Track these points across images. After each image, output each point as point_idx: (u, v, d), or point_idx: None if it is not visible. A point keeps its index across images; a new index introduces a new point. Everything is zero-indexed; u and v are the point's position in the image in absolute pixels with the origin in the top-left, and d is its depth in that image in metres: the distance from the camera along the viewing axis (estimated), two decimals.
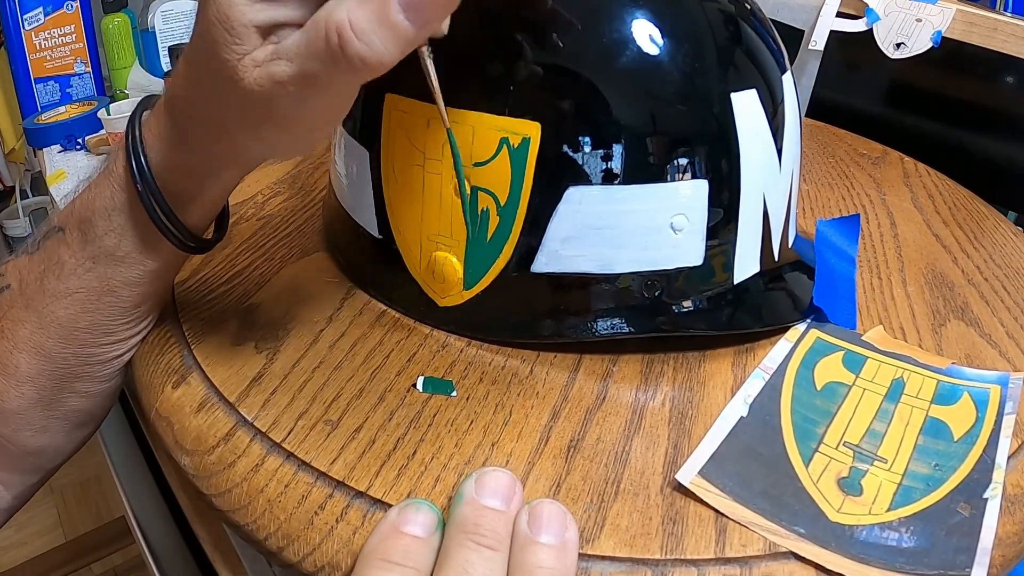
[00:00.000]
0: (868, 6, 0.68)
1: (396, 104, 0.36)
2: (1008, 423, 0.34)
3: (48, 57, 0.99)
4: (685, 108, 0.35)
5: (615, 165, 0.34)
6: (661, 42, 0.34)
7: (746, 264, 0.38)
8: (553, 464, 0.31)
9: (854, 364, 0.37)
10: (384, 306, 0.40)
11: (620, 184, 0.34)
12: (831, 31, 0.70)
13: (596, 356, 0.37)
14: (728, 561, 0.27)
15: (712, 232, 0.36)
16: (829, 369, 0.37)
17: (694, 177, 0.35)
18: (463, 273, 0.37)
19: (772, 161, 0.38)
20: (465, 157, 0.35)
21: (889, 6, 0.67)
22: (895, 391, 0.36)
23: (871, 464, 0.32)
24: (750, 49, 0.37)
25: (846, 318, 0.40)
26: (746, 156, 0.36)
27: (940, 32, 0.64)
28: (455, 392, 0.35)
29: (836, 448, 0.32)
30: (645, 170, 0.35)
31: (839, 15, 0.70)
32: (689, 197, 0.35)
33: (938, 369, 0.37)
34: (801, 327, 0.40)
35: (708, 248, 0.36)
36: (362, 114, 0.39)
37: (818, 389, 0.36)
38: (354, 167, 0.40)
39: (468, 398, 0.34)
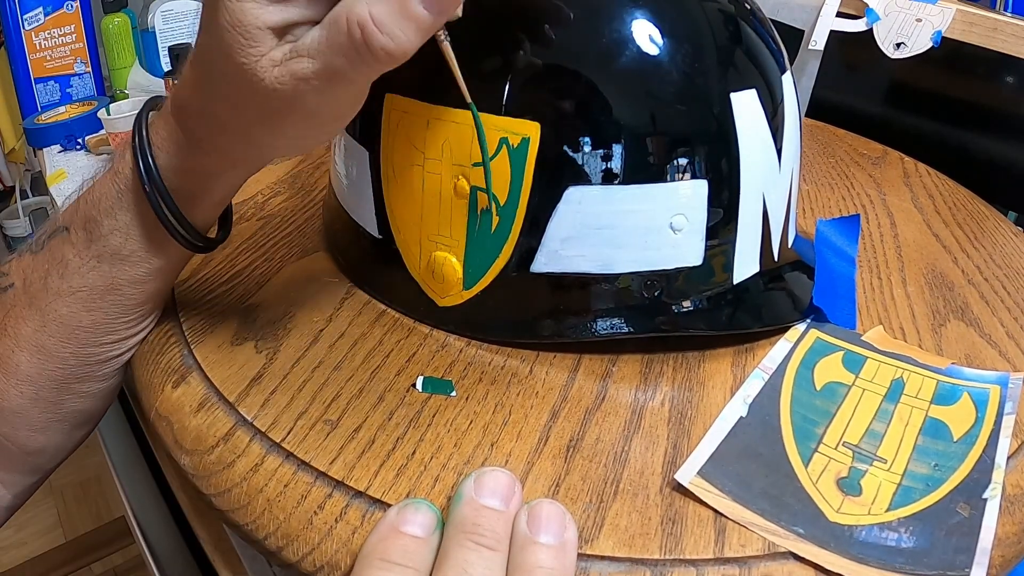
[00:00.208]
0: (868, 6, 0.68)
1: (396, 104, 0.36)
2: (1008, 423, 0.34)
3: (48, 57, 0.99)
4: (685, 108, 0.35)
5: (615, 165, 0.34)
6: (661, 42, 0.34)
7: (746, 264, 0.38)
8: (552, 464, 0.31)
9: (854, 364, 0.37)
10: (384, 306, 0.40)
11: (620, 184, 0.34)
12: (831, 31, 0.70)
13: (595, 356, 0.37)
14: (727, 561, 0.27)
15: (712, 232, 0.36)
16: (829, 369, 0.37)
17: (694, 177, 0.35)
18: (463, 273, 0.37)
19: (772, 161, 0.38)
20: (464, 157, 0.35)
21: (889, 6, 0.67)
22: (895, 391, 0.36)
23: (870, 464, 0.32)
24: (750, 49, 0.37)
25: (846, 318, 0.40)
26: (746, 156, 0.36)
27: (940, 32, 0.64)
28: (454, 392, 0.35)
29: (835, 448, 0.32)
30: (645, 170, 0.35)
31: (839, 15, 0.70)
32: (689, 197, 0.35)
33: (938, 369, 0.37)
34: (801, 327, 0.40)
35: (708, 248, 0.36)
36: (362, 114, 0.39)
37: (818, 389, 0.36)
38: (354, 167, 0.40)
39: (467, 398, 0.34)
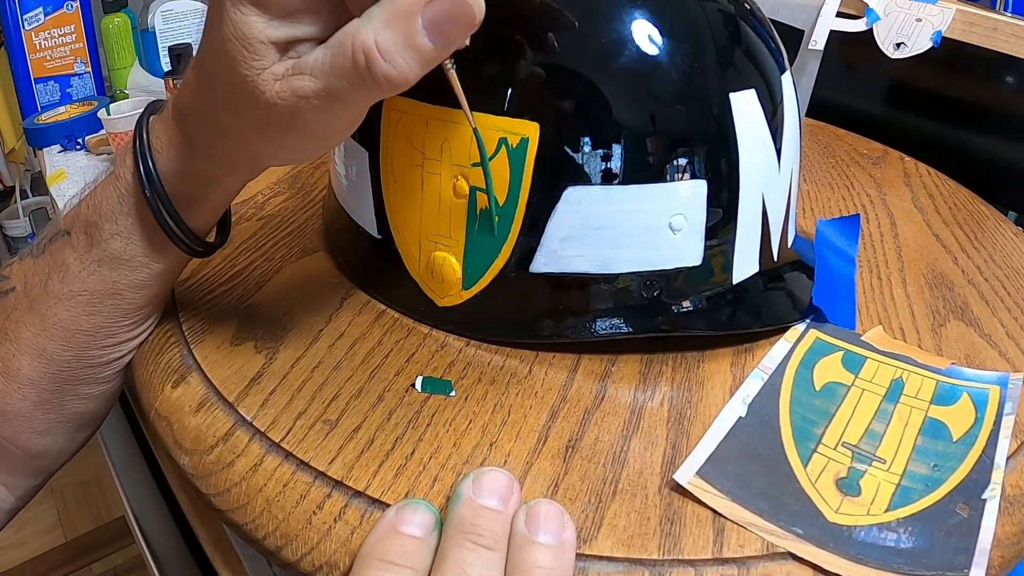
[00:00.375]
0: (868, 6, 0.68)
1: (395, 104, 0.36)
2: (1007, 424, 0.34)
3: (48, 57, 0.99)
4: (684, 108, 0.35)
5: (614, 165, 0.34)
6: (660, 42, 0.34)
7: (745, 264, 0.38)
8: (551, 464, 0.31)
9: (853, 364, 0.37)
10: (383, 306, 0.40)
11: (619, 184, 0.34)
12: (831, 31, 0.70)
13: (595, 356, 0.37)
14: (726, 561, 0.27)
15: (711, 232, 0.36)
16: (828, 369, 0.37)
17: (693, 177, 0.35)
18: (462, 273, 0.37)
19: (771, 161, 0.38)
20: (464, 157, 0.35)
21: (889, 6, 0.67)
22: (894, 391, 0.36)
23: (870, 464, 0.32)
24: (749, 49, 0.37)
25: (845, 318, 0.40)
26: (745, 156, 0.36)
27: (940, 32, 0.64)
28: (454, 392, 0.35)
29: (835, 448, 0.32)
30: (644, 170, 0.35)
31: (839, 15, 0.70)
32: (688, 197, 0.35)
33: (937, 369, 0.37)
34: (800, 327, 0.40)
35: (707, 248, 0.36)
36: None
37: (817, 389, 0.36)
38: (354, 167, 0.40)
39: (466, 398, 0.34)
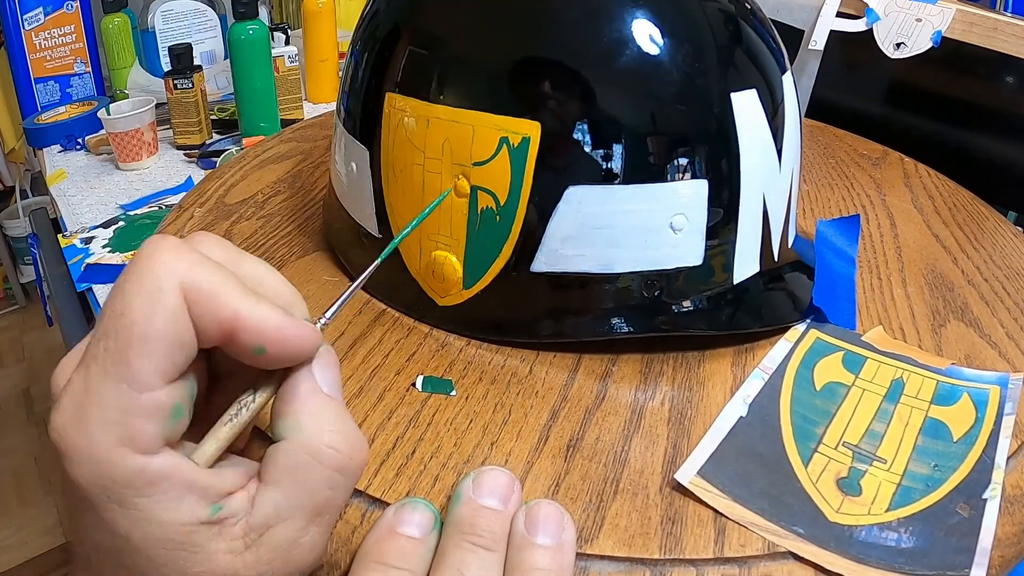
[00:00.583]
0: (868, 6, 0.68)
1: (396, 103, 0.36)
2: (1007, 424, 0.34)
3: (48, 57, 1.00)
4: (685, 108, 0.35)
5: (615, 165, 0.34)
6: (661, 42, 0.34)
7: (746, 264, 0.38)
8: (552, 463, 0.31)
9: (854, 364, 0.37)
10: (384, 305, 0.40)
11: (620, 184, 0.34)
12: (831, 31, 0.70)
13: (595, 356, 0.37)
14: (727, 561, 0.27)
15: (712, 232, 0.36)
16: (829, 369, 0.37)
17: (694, 177, 0.35)
18: (462, 272, 0.37)
19: (772, 161, 0.38)
20: (465, 156, 0.35)
21: (889, 6, 0.67)
22: (894, 391, 0.36)
23: (870, 464, 0.32)
24: (750, 49, 0.37)
25: (846, 318, 0.40)
26: (746, 156, 0.36)
27: (940, 32, 0.64)
28: (454, 391, 0.35)
29: (835, 448, 0.32)
30: (645, 170, 0.35)
31: (839, 15, 0.70)
32: (689, 197, 0.35)
33: (938, 370, 0.37)
34: (801, 327, 0.40)
35: (708, 248, 0.36)
36: (362, 113, 0.39)
37: (817, 389, 0.36)
38: (354, 166, 0.40)
39: (467, 397, 0.34)
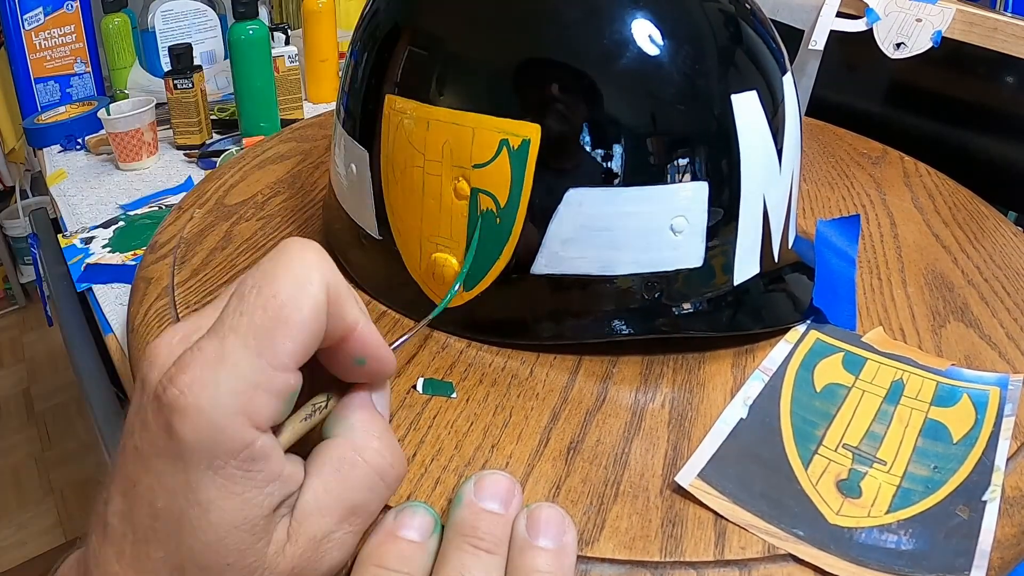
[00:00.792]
0: (868, 6, 0.68)
1: (396, 105, 0.36)
2: (1007, 425, 0.34)
3: (48, 57, 0.99)
4: (685, 109, 0.35)
5: (615, 166, 0.34)
6: (661, 43, 0.34)
7: (746, 265, 0.38)
8: (553, 466, 0.31)
9: (854, 365, 0.37)
10: (384, 307, 0.40)
11: (620, 185, 0.34)
12: (831, 31, 0.70)
13: (596, 358, 0.37)
14: (727, 563, 0.27)
15: (712, 233, 0.36)
16: (829, 371, 0.37)
17: (694, 178, 0.35)
18: (463, 274, 0.37)
19: (772, 162, 0.38)
20: (465, 158, 0.35)
21: (889, 6, 0.67)
22: (894, 393, 0.36)
23: (870, 466, 0.32)
24: (750, 50, 0.37)
25: (846, 319, 0.40)
26: (746, 157, 0.36)
27: (940, 32, 0.64)
28: (455, 394, 0.35)
29: (835, 450, 0.32)
30: (645, 171, 0.35)
31: (839, 15, 0.70)
32: (689, 199, 0.35)
33: (937, 371, 0.37)
34: (801, 328, 0.40)
35: (708, 249, 0.36)
36: (362, 115, 0.39)
37: (817, 391, 0.36)
38: (354, 168, 0.40)
39: (468, 400, 0.34)
